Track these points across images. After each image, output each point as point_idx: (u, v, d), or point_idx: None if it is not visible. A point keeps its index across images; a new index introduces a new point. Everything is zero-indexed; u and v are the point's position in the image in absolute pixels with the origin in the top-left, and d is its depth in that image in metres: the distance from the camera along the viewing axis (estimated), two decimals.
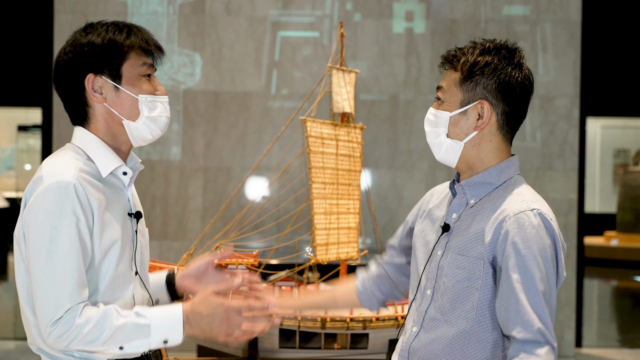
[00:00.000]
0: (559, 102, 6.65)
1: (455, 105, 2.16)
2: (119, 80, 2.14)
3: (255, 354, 3.40)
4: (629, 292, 10.99)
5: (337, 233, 3.68)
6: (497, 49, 2.15)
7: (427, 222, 2.30)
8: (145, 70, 2.17)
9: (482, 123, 2.13)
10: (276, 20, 6.65)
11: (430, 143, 2.23)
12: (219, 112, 6.58)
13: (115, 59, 2.13)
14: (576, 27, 6.70)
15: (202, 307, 2.05)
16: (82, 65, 2.13)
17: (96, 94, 2.13)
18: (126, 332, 1.99)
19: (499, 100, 2.13)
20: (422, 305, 2.19)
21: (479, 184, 2.16)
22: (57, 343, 1.97)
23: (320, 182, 3.57)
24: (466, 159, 2.17)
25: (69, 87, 2.16)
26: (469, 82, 2.14)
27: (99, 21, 2.20)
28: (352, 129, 3.71)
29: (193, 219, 6.54)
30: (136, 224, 2.20)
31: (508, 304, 2.01)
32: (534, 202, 2.08)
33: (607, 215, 14.29)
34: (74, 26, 6.66)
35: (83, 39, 2.14)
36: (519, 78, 2.13)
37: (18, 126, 15.68)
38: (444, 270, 2.14)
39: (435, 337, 2.13)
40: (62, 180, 2.00)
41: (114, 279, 2.08)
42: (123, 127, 2.16)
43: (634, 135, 15.60)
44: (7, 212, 13.65)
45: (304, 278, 3.51)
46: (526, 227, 2.02)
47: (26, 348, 6.35)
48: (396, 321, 3.40)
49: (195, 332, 2.08)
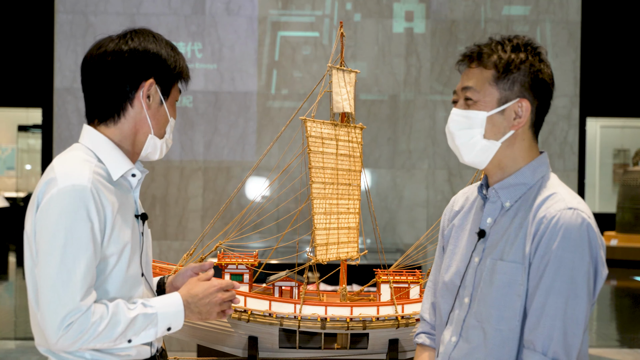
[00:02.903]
0: (559, 102, 6.65)
1: (491, 104, 2.06)
2: (167, 97, 2.20)
3: (255, 354, 3.40)
4: (629, 291, 11.00)
5: (337, 233, 3.68)
6: (525, 46, 2.09)
7: (456, 232, 2.22)
8: (178, 97, 2.27)
9: (520, 122, 2.05)
10: (276, 20, 6.66)
11: (459, 145, 2.11)
12: (219, 112, 6.59)
13: (175, 77, 2.21)
14: (576, 27, 6.71)
15: (196, 289, 2.19)
16: (148, 68, 2.15)
17: (145, 100, 2.16)
18: (138, 324, 2.04)
19: (533, 98, 2.07)
20: (460, 314, 2.11)
21: (513, 185, 2.08)
22: (71, 345, 1.97)
23: (320, 182, 3.58)
24: (499, 159, 2.09)
25: (113, 85, 2.14)
26: (505, 80, 2.05)
27: (147, 30, 2.22)
28: (352, 129, 3.72)
29: (193, 219, 6.55)
30: (142, 226, 2.21)
31: (540, 312, 1.94)
32: (572, 201, 1.99)
33: (606, 215, 14.29)
34: (74, 26, 6.68)
35: (148, 45, 2.16)
36: (549, 73, 2.10)
37: (18, 126, 15.69)
38: (482, 277, 2.05)
39: (475, 346, 2.05)
40: (78, 183, 1.99)
41: (126, 280, 2.10)
42: (145, 138, 2.19)
43: (633, 135, 15.60)
44: (7, 212, 13.65)
45: (304, 278, 3.51)
46: (565, 228, 1.93)
47: (26, 348, 6.36)
48: (396, 321, 3.41)
49: (194, 316, 2.20)
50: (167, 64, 2.18)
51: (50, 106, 6.60)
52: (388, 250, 6.51)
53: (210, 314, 2.21)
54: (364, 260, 5.30)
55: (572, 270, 1.92)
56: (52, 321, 1.94)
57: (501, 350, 2.01)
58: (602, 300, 10.22)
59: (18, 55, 11.94)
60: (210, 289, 2.19)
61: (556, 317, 1.92)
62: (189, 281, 2.23)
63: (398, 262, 3.78)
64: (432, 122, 6.77)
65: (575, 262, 1.92)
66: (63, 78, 6.42)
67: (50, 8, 6.56)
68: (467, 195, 2.28)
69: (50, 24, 6.57)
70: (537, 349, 1.94)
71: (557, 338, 1.92)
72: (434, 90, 6.77)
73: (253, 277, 3.52)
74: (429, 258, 3.96)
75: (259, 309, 3.38)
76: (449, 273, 2.19)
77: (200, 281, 2.22)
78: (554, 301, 1.93)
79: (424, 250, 3.89)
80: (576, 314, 1.92)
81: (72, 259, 1.96)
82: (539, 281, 1.95)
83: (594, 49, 11.64)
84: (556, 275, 1.93)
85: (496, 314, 2.01)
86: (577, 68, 6.66)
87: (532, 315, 1.96)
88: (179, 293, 2.17)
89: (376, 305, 3.46)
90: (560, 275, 1.93)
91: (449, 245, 2.25)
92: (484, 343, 2.03)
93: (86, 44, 6.50)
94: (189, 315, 2.18)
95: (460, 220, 2.23)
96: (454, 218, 2.27)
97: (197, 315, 2.19)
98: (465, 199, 2.27)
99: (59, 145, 6.38)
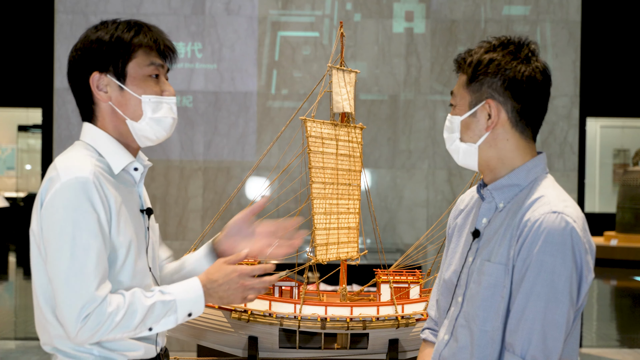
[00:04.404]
0: (559, 102, 6.65)
1: (464, 108, 2.09)
2: (124, 79, 2.11)
3: (255, 354, 3.40)
4: (629, 292, 11.00)
5: (337, 233, 3.68)
6: (504, 45, 2.06)
7: (458, 230, 2.23)
8: (153, 70, 2.14)
9: (492, 123, 2.05)
10: (276, 20, 6.66)
11: (448, 149, 2.16)
12: (219, 112, 6.59)
13: (121, 57, 2.10)
14: (576, 27, 6.71)
15: (216, 275, 2.11)
16: (89, 63, 2.10)
17: (101, 92, 2.11)
18: (156, 311, 2.02)
19: (507, 98, 2.04)
20: (454, 312, 2.12)
21: (506, 186, 2.08)
22: (90, 337, 1.96)
23: (320, 182, 3.57)
24: (485, 160, 2.10)
25: (77, 84, 2.14)
26: (475, 82, 2.06)
27: (114, 19, 2.16)
28: (352, 129, 3.72)
29: (193, 219, 6.55)
30: (147, 220, 2.19)
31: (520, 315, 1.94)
32: (558, 204, 1.96)
33: (606, 215, 14.29)
34: (74, 26, 6.68)
35: (92, 35, 2.11)
36: (526, 72, 2.03)
37: (18, 126, 15.69)
38: (473, 277, 2.06)
39: (463, 345, 2.05)
40: (80, 175, 1.98)
41: (135, 274, 2.09)
42: (127, 127, 2.14)
43: (633, 135, 15.61)
44: (7, 212, 13.65)
45: (304, 278, 3.51)
46: (547, 232, 1.92)
47: (26, 348, 6.35)
48: (396, 321, 3.40)
49: (214, 301, 2.14)
50: (109, 47, 2.09)
51: (50, 106, 6.60)
52: (388, 250, 6.51)
53: (232, 299, 2.14)
54: (364, 260, 5.30)
55: (552, 274, 1.91)
56: (69, 314, 1.93)
57: (485, 352, 2.01)
58: (602, 300, 10.22)
59: (18, 55, 11.94)
60: (231, 275, 2.12)
61: (535, 321, 1.92)
62: (215, 264, 2.16)
63: (398, 262, 3.78)
64: (432, 122, 6.78)
65: (557, 266, 1.91)
66: (63, 78, 6.41)
67: (50, 8, 6.56)
68: (472, 194, 2.28)
69: (50, 24, 6.58)
70: (516, 352, 1.94)
71: (536, 342, 1.92)
72: (434, 90, 6.77)
73: None
74: (429, 258, 3.95)
75: (259, 309, 3.38)
76: (449, 271, 2.20)
77: (224, 264, 2.14)
78: (534, 305, 1.92)
79: (424, 250, 3.89)
80: (556, 317, 1.91)
81: (83, 250, 1.95)
82: (520, 284, 1.95)
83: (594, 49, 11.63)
84: (537, 279, 1.92)
85: (482, 315, 2.02)
86: (577, 68, 6.66)
87: (512, 318, 1.96)
88: (199, 278, 2.12)
89: (376, 305, 3.46)
90: (541, 279, 1.92)
91: (451, 243, 2.26)
92: (470, 343, 2.04)
93: None
94: (209, 300, 2.13)
95: (462, 219, 2.24)
96: (458, 216, 2.28)
97: (218, 300, 2.13)
98: (470, 198, 2.27)
99: (59, 145, 6.38)
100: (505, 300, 1.98)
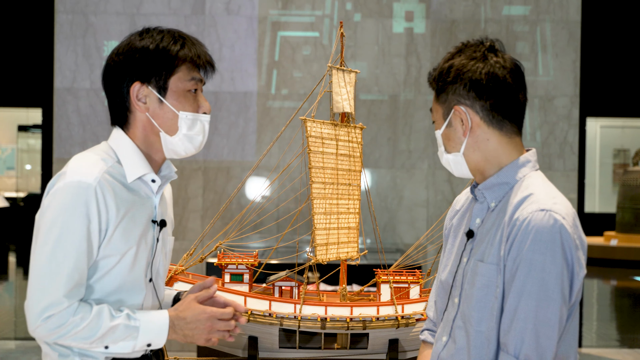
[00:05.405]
0: (559, 102, 6.65)
1: (440, 121, 2.12)
2: (164, 92, 2.11)
3: (255, 354, 3.41)
4: (629, 292, 11.00)
5: (337, 233, 3.68)
6: (461, 50, 2.09)
7: (454, 231, 2.24)
8: (193, 85, 2.14)
9: (466, 127, 2.06)
10: (276, 20, 6.66)
11: (442, 163, 2.20)
12: (219, 112, 6.59)
13: (165, 70, 2.09)
14: (576, 27, 6.71)
15: (186, 313, 2.11)
16: (131, 71, 2.10)
17: (139, 103, 2.11)
18: (117, 333, 2.03)
19: (473, 99, 2.05)
20: (451, 313, 2.12)
21: (495, 185, 2.08)
22: (47, 336, 2.00)
23: (320, 182, 3.58)
24: (474, 165, 2.11)
25: (114, 89, 2.14)
26: (442, 93, 2.09)
27: (157, 27, 2.16)
28: (352, 129, 3.72)
29: (193, 219, 6.55)
30: (159, 232, 2.19)
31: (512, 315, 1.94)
32: (546, 202, 1.95)
33: (606, 215, 14.30)
34: (74, 26, 6.68)
35: (138, 43, 2.10)
36: (484, 70, 2.03)
37: (18, 126, 15.70)
38: (467, 278, 2.06)
39: (460, 347, 2.05)
40: (83, 180, 2.00)
41: (124, 284, 2.09)
42: (159, 138, 2.14)
43: (633, 135, 15.61)
44: (7, 212, 13.65)
45: (304, 278, 3.51)
46: (536, 230, 1.91)
47: (27, 348, 6.36)
48: (396, 321, 3.41)
49: (178, 337, 2.14)
50: (154, 57, 2.09)
51: (50, 106, 6.60)
52: (388, 250, 6.51)
53: (196, 339, 2.13)
54: (364, 260, 5.30)
55: (542, 272, 1.91)
56: (33, 309, 1.98)
57: (481, 352, 2.01)
58: (602, 300, 10.22)
59: (18, 55, 11.94)
60: (200, 316, 2.11)
61: (527, 320, 1.92)
62: (185, 300, 2.15)
63: (398, 262, 3.78)
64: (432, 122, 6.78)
65: (546, 265, 1.90)
66: (63, 78, 6.42)
67: (50, 8, 6.56)
68: (467, 195, 2.29)
69: (50, 24, 6.58)
70: (510, 352, 1.94)
71: (529, 341, 1.92)
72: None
73: (253, 277, 3.52)
74: (429, 258, 3.96)
75: (259, 309, 3.39)
76: (445, 272, 2.21)
77: (194, 303, 2.13)
78: (525, 304, 1.92)
79: (424, 250, 3.89)
80: (548, 316, 1.91)
81: (63, 253, 1.98)
82: (511, 284, 1.95)
83: (594, 49, 11.64)
84: (527, 278, 1.92)
85: (477, 316, 2.02)
86: (577, 68, 6.66)
87: (505, 317, 1.96)
88: (168, 312, 2.12)
89: (376, 305, 3.46)
90: (531, 278, 1.92)
91: (447, 244, 2.27)
92: (467, 344, 2.04)
93: (86, 44, 6.50)
94: (173, 336, 2.13)
95: (458, 220, 2.25)
96: (454, 217, 2.29)
97: (182, 337, 2.13)
98: (466, 198, 2.28)
99: (59, 145, 6.38)
100: (499, 300, 1.98)
